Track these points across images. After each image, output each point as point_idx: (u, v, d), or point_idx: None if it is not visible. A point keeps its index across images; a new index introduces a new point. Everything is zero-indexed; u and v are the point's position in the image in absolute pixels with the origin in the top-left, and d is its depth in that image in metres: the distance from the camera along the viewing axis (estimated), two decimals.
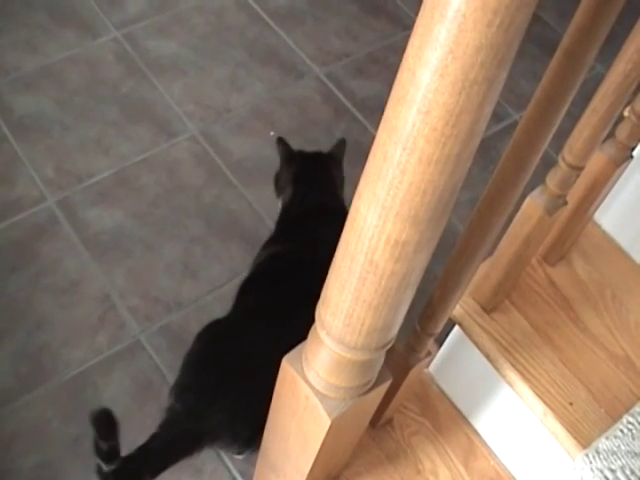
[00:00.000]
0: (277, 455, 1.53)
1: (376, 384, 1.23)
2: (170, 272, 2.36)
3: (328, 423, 1.20)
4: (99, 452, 1.53)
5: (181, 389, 1.77)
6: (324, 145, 2.31)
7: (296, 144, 2.24)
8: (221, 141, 2.68)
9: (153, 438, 1.67)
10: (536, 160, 1.12)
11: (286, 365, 1.23)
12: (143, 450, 1.63)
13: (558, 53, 1.01)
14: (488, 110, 0.74)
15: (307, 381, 1.19)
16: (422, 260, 0.92)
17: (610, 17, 0.96)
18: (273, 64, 2.94)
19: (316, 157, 2.22)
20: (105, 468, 1.55)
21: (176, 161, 2.61)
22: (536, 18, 3.27)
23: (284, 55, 2.98)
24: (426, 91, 0.71)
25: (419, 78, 0.71)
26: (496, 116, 2.91)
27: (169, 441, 1.68)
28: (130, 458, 1.59)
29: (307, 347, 1.18)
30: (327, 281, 1.03)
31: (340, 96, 2.86)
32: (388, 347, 1.11)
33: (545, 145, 1.11)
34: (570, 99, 1.05)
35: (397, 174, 0.79)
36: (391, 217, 0.84)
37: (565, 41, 1.00)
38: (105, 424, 1.50)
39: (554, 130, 1.09)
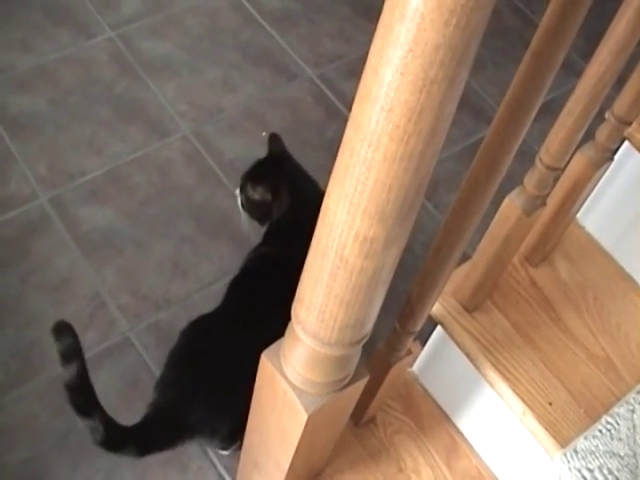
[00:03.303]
0: (259, 451, 1.55)
1: (353, 380, 1.24)
2: (160, 270, 2.38)
3: (305, 418, 1.21)
4: (65, 361, 1.58)
5: (163, 384, 1.78)
6: (316, 146, 2.33)
7: (287, 145, 2.25)
8: (213, 141, 2.70)
9: (136, 426, 1.69)
10: (508, 160, 1.14)
11: (265, 360, 1.25)
12: (127, 428, 1.65)
13: (527, 55, 1.03)
14: (449, 109, 0.76)
15: (285, 376, 1.21)
16: (392, 257, 0.94)
17: (577, 19, 0.98)
18: (266, 65, 2.95)
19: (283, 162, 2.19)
20: (67, 375, 1.59)
21: (168, 161, 2.62)
22: (529, 23, 3.29)
23: (277, 57, 2.99)
24: (388, 89, 0.73)
25: (381, 76, 0.73)
26: (489, 121, 2.93)
27: (151, 430, 1.70)
28: (115, 425, 1.62)
29: (284, 343, 1.19)
30: (302, 277, 1.05)
31: (332, 98, 2.88)
32: (362, 343, 1.12)
33: (517, 145, 1.12)
34: (540, 100, 1.07)
35: (363, 170, 0.81)
36: (359, 213, 0.85)
37: (533, 43, 1.01)
38: (64, 331, 1.53)
39: (525, 131, 1.11)
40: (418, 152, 0.78)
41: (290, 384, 1.21)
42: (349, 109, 0.80)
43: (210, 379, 1.74)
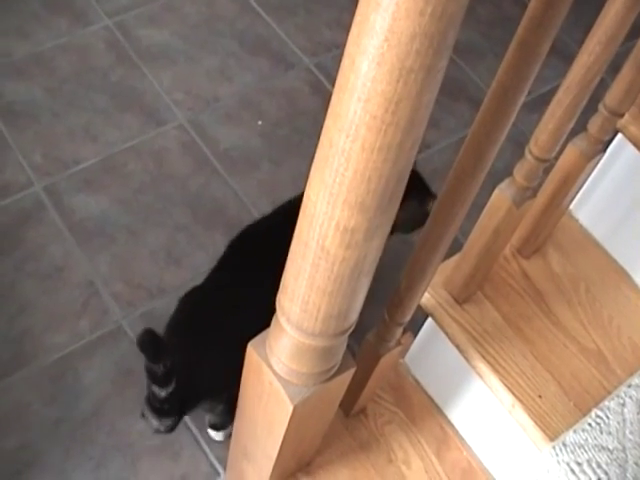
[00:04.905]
0: (247, 440, 1.55)
1: (339, 371, 1.24)
2: (154, 259, 2.37)
3: (291, 409, 1.21)
4: (154, 378, 1.55)
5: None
6: (312, 135, 2.31)
7: (284, 134, 2.25)
8: (209, 130, 2.69)
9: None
10: (494, 150, 1.13)
11: (251, 351, 1.25)
12: None
13: (512, 44, 1.02)
14: (427, 98, 0.75)
15: (270, 367, 1.21)
16: (374, 247, 0.94)
17: (562, 7, 0.97)
18: (263, 54, 2.94)
19: None
20: (161, 393, 1.58)
21: (163, 149, 2.62)
22: None
23: (274, 46, 2.98)
24: (365, 79, 0.73)
25: (358, 66, 0.73)
26: None
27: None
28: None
29: (270, 333, 1.19)
30: (285, 267, 1.05)
31: (329, 87, 2.86)
32: (347, 334, 1.12)
33: (503, 135, 1.12)
34: (526, 89, 1.06)
35: (342, 161, 0.81)
36: (339, 204, 0.85)
37: (519, 32, 1.00)
38: (152, 345, 1.50)
39: (512, 120, 1.10)
40: (397, 143, 0.77)
41: (276, 375, 1.20)
42: None
43: (207, 343, 1.72)
